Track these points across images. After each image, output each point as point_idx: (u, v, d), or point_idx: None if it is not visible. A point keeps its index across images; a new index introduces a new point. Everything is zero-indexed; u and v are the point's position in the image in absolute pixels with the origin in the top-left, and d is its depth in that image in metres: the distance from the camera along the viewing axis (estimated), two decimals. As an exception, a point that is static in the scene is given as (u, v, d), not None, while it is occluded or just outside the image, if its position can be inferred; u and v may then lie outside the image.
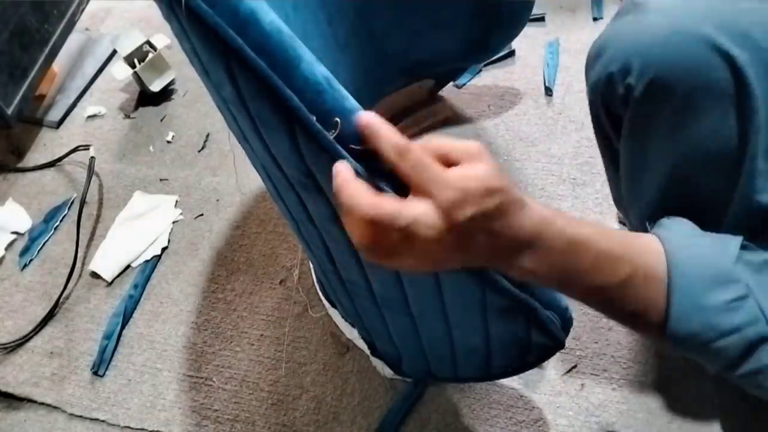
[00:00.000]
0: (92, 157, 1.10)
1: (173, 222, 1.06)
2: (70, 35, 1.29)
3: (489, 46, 1.02)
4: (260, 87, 0.41)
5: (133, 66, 1.20)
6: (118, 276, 1.00)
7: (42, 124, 1.26)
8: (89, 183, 1.08)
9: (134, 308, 0.96)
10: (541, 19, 1.26)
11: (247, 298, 0.95)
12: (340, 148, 0.41)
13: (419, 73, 1.06)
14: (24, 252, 1.06)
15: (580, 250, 0.43)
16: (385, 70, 0.98)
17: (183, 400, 0.86)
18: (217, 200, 1.08)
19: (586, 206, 0.98)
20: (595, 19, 1.25)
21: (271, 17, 0.40)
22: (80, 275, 1.01)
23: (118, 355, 0.92)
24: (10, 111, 1.11)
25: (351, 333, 0.86)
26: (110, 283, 1.00)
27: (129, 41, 1.20)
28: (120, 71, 1.19)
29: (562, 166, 1.03)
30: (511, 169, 1.04)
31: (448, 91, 1.17)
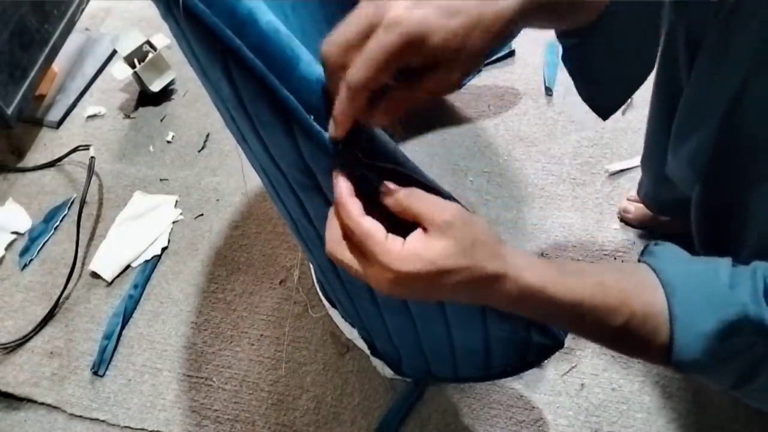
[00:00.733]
0: (92, 157, 1.10)
1: (173, 222, 1.06)
2: (70, 35, 1.29)
3: None
4: (258, 87, 0.41)
5: (133, 66, 1.20)
6: (118, 276, 1.00)
7: (42, 124, 1.26)
8: (89, 183, 1.08)
9: (134, 308, 0.96)
10: (541, 18, 1.26)
11: (247, 298, 0.95)
12: (332, 146, 0.41)
13: None
14: (24, 252, 1.06)
15: (572, 314, 0.43)
16: None
17: (183, 400, 0.86)
18: (217, 200, 1.09)
19: (585, 206, 0.98)
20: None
21: (268, 17, 0.40)
22: (80, 275, 1.01)
23: (118, 355, 0.92)
24: (10, 111, 1.11)
25: (351, 333, 0.86)
26: (110, 283, 1.00)
27: (129, 41, 1.20)
28: (120, 71, 1.19)
29: (562, 166, 1.03)
30: (511, 168, 1.04)
31: (448, 91, 1.16)
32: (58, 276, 1.01)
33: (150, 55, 1.21)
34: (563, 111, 1.11)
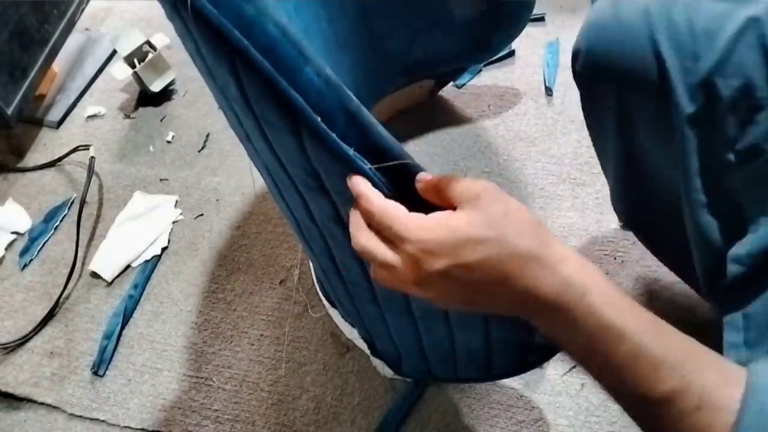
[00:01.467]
0: (92, 157, 1.10)
1: (173, 222, 1.06)
2: (70, 35, 1.29)
3: (490, 46, 1.02)
4: (265, 88, 0.41)
5: (133, 66, 1.20)
6: (118, 276, 1.00)
7: (42, 124, 1.26)
8: (89, 183, 1.08)
9: (134, 308, 0.96)
10: (541, 19, 1.26)
11: (247, 298, 0.95)
12: (346, 147, 0.42)
13: (419, 73, 1.06)
14: (24, 252, 1.06)
15: (611, 342, 0.34)
16: (386, 70, 0.98)
17: (183, 400, 0.86)
18: (217, 200, 1.08)
19: (586, 206, 0.98)
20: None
21: (276, 19, 0.41)
22: (80, 275, 1.01)
23: (118, 355, 0.92)
24: (10, 111, 1.11)
25: (351, 333, 0.86)
26: (110, 283, 1.00)
27: (129, 41, 1.20)
28: (120, 71, 1.19)
29: (562, 166, 1.03)
30: (511, 168, 1.05)
31: (447, 91, 1.17)
32: (58, 276, 1.01)
33: (150, 55, 1.21)
34: (563, 111, 1.11)
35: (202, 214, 1.07)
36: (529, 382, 0.82)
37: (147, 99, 1.26)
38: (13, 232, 1.08)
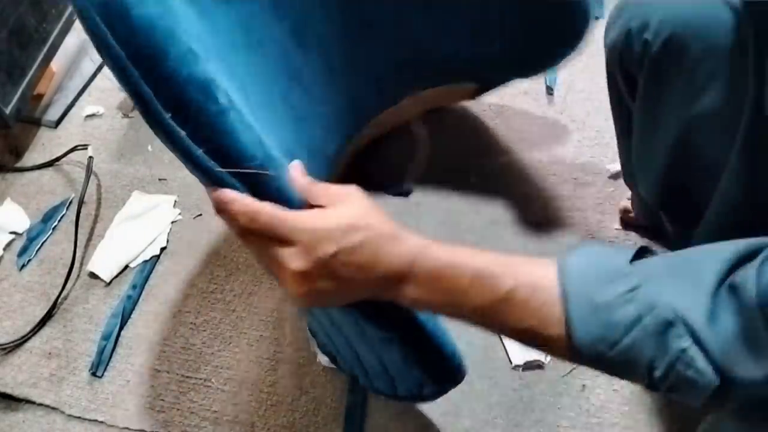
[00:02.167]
0: (90, 157, 1.10)
1: (172, 222, 1.06)
2: (69, 34, 1.29)
3: (536, 61, 0.94)
4: (121, 77, 0.43)
5: (132, 65, 1.19)
6: (117, 276, 1.00)
7: (40, 124, 1.25)
8: (87, 183, 1.08)
9: (133, 309, 0.96)
10: (541, 18, 1.26)
11: (247, 298, 0.95)
12: (193, 147, 0.44)
13: (458, 76, 1.00)
14: (22, 252, 1.05)
15: (455, 272, 0.44)
16: (417, 65, 0.93)
17: (182, 401, 0.86)
18: (216, 200, 1.08)
19: (586, 206, 0.98)
20: (596, 18, 1.25)
21: (147, 11, 0.41)
22: (78, 275, 1.01)
23: (117, 356, 0.92)
24: (8, 110, 1.10)
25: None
26: (109, 284, 0.99)
27: (128, 40, 1.19)
28: (119, 70, 1.19)
29: (563, 165, 1.03)
30: (512, 168, 1.04)
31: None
32: (57, 276, 1.01)
33: (149, 55, 1.20)
34: (564, 110, 1.11)
35: (201, 214, 1.07)
36: (529, 383, 0.81)
37: (146, 98, 1.25)
38: (11, 232, 1.08)
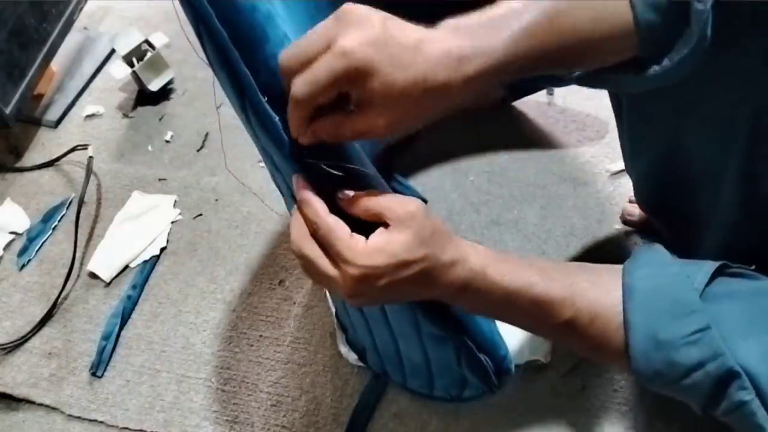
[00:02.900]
0: (90, 157, 1.10)
1: (172, 222, 1.06)
2: (69, 34, 1.29)
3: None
4: (221, 57, 0.42)
5: (132, 65, 1.19)
6: (117, 276, 1.00)
7: (40, 124, 1.25)
8: (87, 183, 1.08)
9: (133, 309, 0.96)
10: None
11: (246, 298, 0.95)
12: (284, 134, 0.42)
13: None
14: (22, 252, 1.05)
15: (514, 300, 0.43)
16: None
17: (181, 401, 0.86)
18: (216, 200, 1.08)
19: (587, 206, 0.97)
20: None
21: None
22: (78, 275, 1.01)
23: (117, 355, 0.92)
24: (8, 110, 1.10)
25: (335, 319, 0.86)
26: (108, 284, 0.99)
27: (127, 40, 1.19)
28: (118, 70, 1.19)
29: (563, 165, 1.03)
30: (513, 168, 1.04)
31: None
32: (57, 276, 1.01)
33: (148, 54, 1.20)
34: (565, 110, 1.10)
35: (201, 214, 1.07)
36: (529, 383, 0.81)
37: (145, 98, 1.25)
38: (11, 232, 1.08)
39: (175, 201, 1.09)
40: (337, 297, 0.45)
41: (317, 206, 0.42)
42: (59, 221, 1.09)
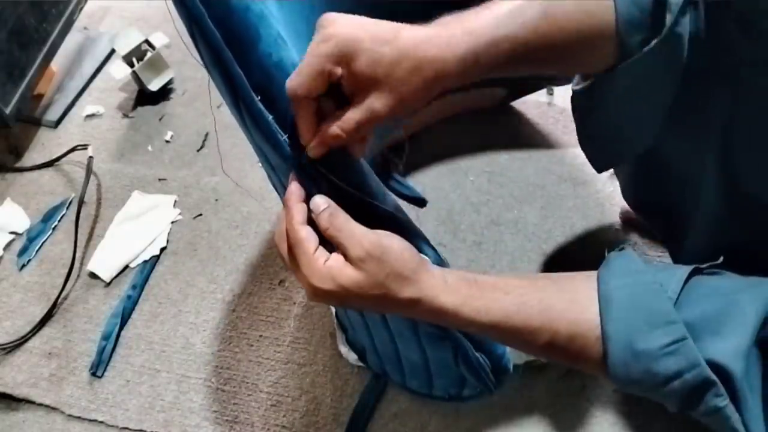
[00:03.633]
0: (90, 157, 1.10)
1: (172, 222, 1.06)
2: (69, 34, 1.29)
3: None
4: (214, 57, 0.42)
5: (132, 65, 1.19)
6: (117, 276, 1.00)
7: (40, 124, 1.25)
8: (87, 183, 1.08)
9: (133, 309, 0.96)
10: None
11: (246, 298, 0.95)
12: (278, 131, 0.43)
13: (488, 79, 0.99)
14: (22, 252, 1.05)
15: (490, 331, 0.45)
16: None
17: (181, 401, 0.86)
18: (216, 200, 1.08)
19: (587, 206, 0.97)
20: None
21: None
22: (78, 275, 1.01)
23: (117, 356, 0.92)
24: (8, 110, 1.10)
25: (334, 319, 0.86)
26: (108, 284, 0.99)
27: (127, 40, 1.19)
28: (118, 70, 1.19)
29: (563, 165, 1.03)
30: (512, 168, 1.04)
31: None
32: (57, 276, 1.01)
33: (148, 54, 1.20)
34: (564, 110, 1.10)
35: (200, 214, 1.07)
36: (529, 383, 0.81)
37: (145, 98, 1.25)
38: (11, 232, 1.08)
39: (175, 201, 1.09)
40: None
41: (293, 213, 0.43)
42: (59, 221, 1.09)
